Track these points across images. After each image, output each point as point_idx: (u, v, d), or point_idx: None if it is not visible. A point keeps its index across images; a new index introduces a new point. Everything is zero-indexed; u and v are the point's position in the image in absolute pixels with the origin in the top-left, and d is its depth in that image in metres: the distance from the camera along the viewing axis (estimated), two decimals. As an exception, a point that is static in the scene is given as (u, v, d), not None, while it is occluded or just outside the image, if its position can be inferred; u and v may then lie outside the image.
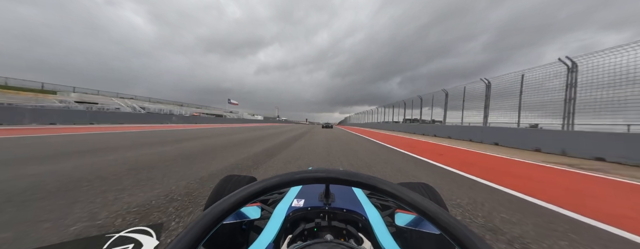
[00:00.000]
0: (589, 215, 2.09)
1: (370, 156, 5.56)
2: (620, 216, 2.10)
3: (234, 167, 3.72)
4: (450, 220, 0.35)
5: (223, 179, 1.15)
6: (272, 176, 0.44)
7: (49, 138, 6.59)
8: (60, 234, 1.45)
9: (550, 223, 1.92)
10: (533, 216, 2.06)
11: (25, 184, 2.41)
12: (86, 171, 3.04)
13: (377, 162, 4.70)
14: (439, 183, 3.12)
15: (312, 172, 0.45)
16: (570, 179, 3.63)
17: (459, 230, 0.34)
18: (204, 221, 0.34)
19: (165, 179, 2.80)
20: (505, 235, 1.67)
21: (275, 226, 0.65)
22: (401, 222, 0.73)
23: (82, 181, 2.57)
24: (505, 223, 1.88)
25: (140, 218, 1.72)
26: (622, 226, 1.87)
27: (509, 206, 2.28)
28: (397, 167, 4.23)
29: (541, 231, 1.78)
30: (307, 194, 0.81)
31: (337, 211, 0.68)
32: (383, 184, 0.43)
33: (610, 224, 1.91)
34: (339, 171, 0.45)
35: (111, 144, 5.89)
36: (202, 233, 0.33)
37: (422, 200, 0.39)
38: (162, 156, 4.36)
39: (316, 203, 0.71)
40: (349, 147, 7.43)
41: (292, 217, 0.68)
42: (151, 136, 8.73)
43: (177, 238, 0.31)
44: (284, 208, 0.72)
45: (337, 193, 0.76)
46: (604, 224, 1.91)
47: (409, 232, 0.74)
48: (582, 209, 2.24)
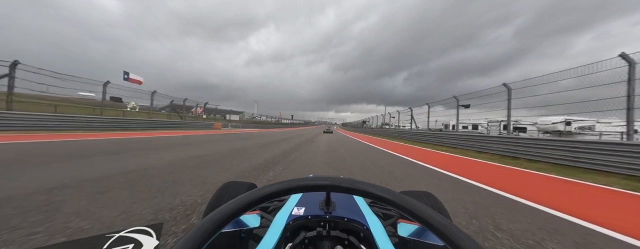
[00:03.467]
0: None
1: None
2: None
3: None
4: (455, 231, 0.34)
5: (222, 185, 1.14)
6: (272, 183, 0.44)
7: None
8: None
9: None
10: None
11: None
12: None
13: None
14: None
15: (313, 179, 0.45)
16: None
17: (464, 242, 0.32)
18: (204, 229, 0.33)
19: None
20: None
21: (274, 235, 0.63)
22: (404, 232, 0.71)
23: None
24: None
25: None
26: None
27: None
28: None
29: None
30: (307, 202, 0.80)
31: (338, 220, 0.66)
32: (385, 192, 0.42)
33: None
34: (340, 179, 0.45)
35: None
36: (202, 240, 0.32)
37: (425, 210, 0.38)
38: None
39: (317, 211, 0.70)
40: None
41: (292, 226, 0.67)
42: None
43: (175, 246, 0.31)
44: (284, 216, 0.71)
45: (338, 201, 0.75)
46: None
47: (412, 243, 0.73)
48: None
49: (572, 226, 2.60)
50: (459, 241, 0.32)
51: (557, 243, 2.17)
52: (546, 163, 7.75)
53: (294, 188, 0.43)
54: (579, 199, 3.76)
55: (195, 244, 0.31)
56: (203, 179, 3.93)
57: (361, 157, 8.23)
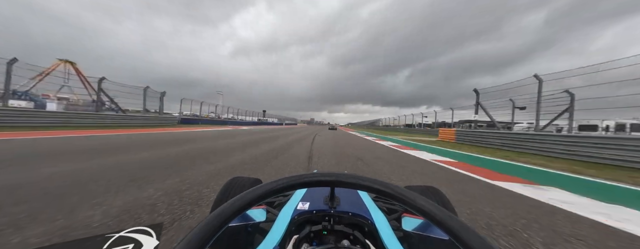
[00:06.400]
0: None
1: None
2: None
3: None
4: (459, 225, 0.34)
5: (229, 181, 1.16)
6: (278, 179, 0.44)
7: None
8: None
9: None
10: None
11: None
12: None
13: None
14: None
15: (317, 175, 0.45)
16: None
17: (469, 236, 0.32)
18: (211, 224, 0.35)
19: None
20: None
21: (280, 229, 0.64)
22: (408, 226, 0.71)
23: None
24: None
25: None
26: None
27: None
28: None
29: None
30: (312, 197, 0.80)
31: (342, 215, 0.66)
32: (388, 187, 0.42)
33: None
34: (344, 174, 0.45)
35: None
36: (209, 235, 0.33)
37: (429, 204, 0.38)
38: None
39: (321, 206, 0.70)
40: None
41: (297, 220, 0.67)
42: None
43: (184, 240, 0.31)
44: (289, 210, 0.71)
45: (342, 196, 0.75)
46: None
47: (417, 237, 0.73)
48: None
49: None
50: (465, 236, 0.32)
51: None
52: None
53: (298, 183, 0.44)
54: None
55: (203, 237, 0.32)
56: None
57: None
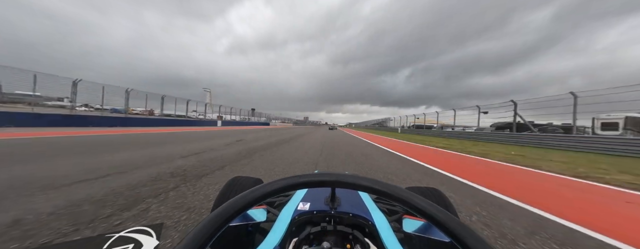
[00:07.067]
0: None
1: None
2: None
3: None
4: (460, 227, 0.34)
5: (230, 181, 1.16)
6: (278, 179, 0.44)
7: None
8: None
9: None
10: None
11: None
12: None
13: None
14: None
15: (318, 175, 0.45)
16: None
17: (470, 238, 0.32)
18: (212, 223, 0.35)
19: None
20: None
21: (281, 230, 0.64)
22: (409, 228, 0.71)
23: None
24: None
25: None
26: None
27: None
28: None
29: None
30: (313, 197, 0.80)
31: (343, 216, 0.66)
32: (389, 188, 0.42)
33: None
34: (345, 175, 0.45)
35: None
36: (210, 234, 0.34)
37: (430, 205, 0.38)
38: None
39: (322, 206, 0.70)
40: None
41: (298, 220, 0.67)
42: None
43: (185, 240, 0.31)
44: (290, 211, 0.71)
45: (343, 197, 0.75)
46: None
47: (417, 239, 0.72)
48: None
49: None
50: (465, 238, 0.32)
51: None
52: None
53: (299, 183, 0.44)
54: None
55: (204, 237, 0.32)
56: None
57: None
